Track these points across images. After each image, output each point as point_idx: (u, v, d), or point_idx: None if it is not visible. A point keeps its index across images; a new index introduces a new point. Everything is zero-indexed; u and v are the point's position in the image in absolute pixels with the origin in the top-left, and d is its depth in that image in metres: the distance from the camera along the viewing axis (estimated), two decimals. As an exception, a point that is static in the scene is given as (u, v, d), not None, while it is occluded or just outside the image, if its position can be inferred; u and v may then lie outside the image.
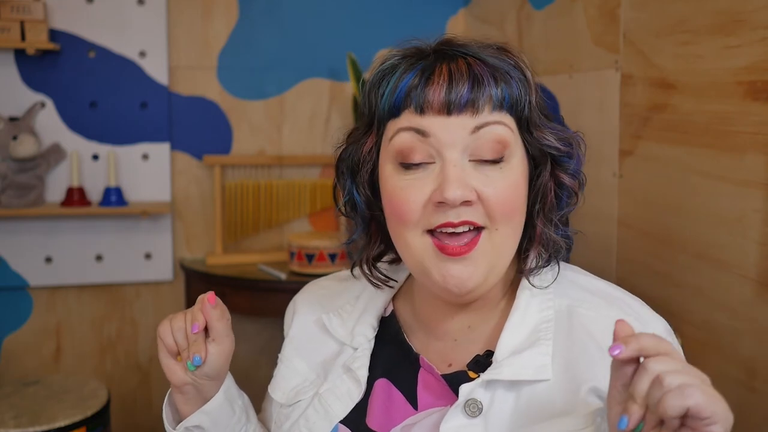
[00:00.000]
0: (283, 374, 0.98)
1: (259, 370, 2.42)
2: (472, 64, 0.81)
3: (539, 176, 0.86)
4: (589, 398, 0.79)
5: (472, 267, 0.81)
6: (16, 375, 2.39)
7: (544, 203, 0.86)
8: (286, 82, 2.55)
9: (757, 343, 1.27)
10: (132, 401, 2.53)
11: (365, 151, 0.88)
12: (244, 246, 2.55)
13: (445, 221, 0.80)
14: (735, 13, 1.30)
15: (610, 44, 1.73)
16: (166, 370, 0.91)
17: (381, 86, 0.85)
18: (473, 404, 0.81)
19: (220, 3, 2.47)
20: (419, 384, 0.88)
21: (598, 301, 0.86)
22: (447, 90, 0.80)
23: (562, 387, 0.80)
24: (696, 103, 1.42)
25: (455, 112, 0.80)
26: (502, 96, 0.81)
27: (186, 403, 0.93)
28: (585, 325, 0.83)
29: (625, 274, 1.67)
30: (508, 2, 2.29)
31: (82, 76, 2.37)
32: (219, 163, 2.44)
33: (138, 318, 2.51)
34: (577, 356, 0.81)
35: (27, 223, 2.37)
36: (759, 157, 1.25)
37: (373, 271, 0.93)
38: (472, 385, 0.81)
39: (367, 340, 0.93)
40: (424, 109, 0.81)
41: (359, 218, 0.91)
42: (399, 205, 0.82)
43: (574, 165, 0.86)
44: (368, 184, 0.89)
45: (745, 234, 1.29)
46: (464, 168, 0.80)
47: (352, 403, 0.89)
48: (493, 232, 0.81)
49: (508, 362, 0.81)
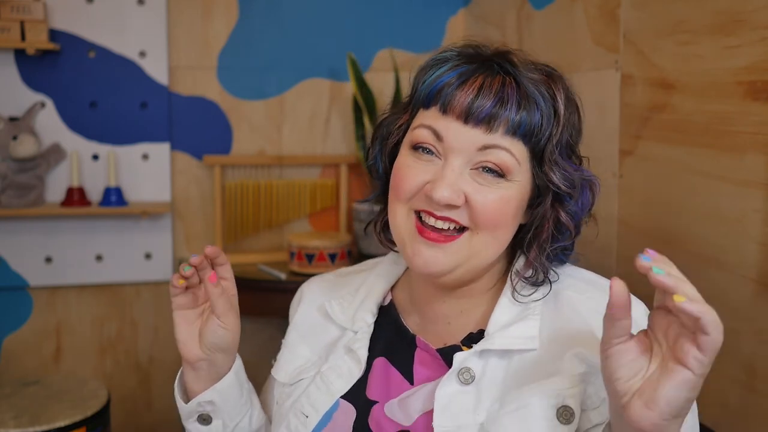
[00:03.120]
0: (286, 358, 1.04)
1: (259, 369, 2.41)
2: (506, 83, 0.86)
3: (539, 205, 0.90)
4: (575, 361, 0.84)
5: (441, 254, 0.86)
6: (16, 375, 2.39)
7: (539, 232, 0.90)
8: (286, 82, 2.55)
9: (757, 343, 1.27)
10: (132, 401, 2.53)
11: (396, 126, 0.94)
12: (244, 246, 2.55)
13: (428, 208, 0.86)
14: (735, 13, 1.30)
15: (610, 44, 1.73)
16: (181, 346, 0.95)
17: (427, 73, 0.90)
18: (466, 372, 0.87)
19: (220, 3, 2.47)
20: (415, 361, 0.94)
21: (584, 285, 0.91)
22: (473, 98, 0.84)
23: (549, 354, 0.86)
24: (696, 103, 1.42)
25: (471, 122, 0.84)
26: (519, 122, 0.85)
27: (197, 381, 0.97)
28: (572, 305, 0.89)
29: (625, 274, 1.67)
30: (508, 2, 2.29)
31: (82, 76, 2.37)
32: (219, 163, 2.44)
33: (138, 318, 2.51)
34: (563, 328, 0.87)
35: (27, 223, 2.36)
36: (759, 157, 1.25)
37: (383, 234, 1.00)
38: (466, 353, 0.87)
39: (366, 325, 0.98)
40: (447, 109, 0.86)
41: (378, 183, 0.98)
42: (399, 181, 0.89)
43: (574, 206, 0.90)
44: (389, 155, 0.95)
45: (745, 234, 1.29)
46: (462, 174, 0.85)
47: (353, 379, 0.95)
48: (475, 234, 0.86)
49: (499, 334, 0.88)
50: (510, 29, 2.28)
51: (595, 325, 0.85)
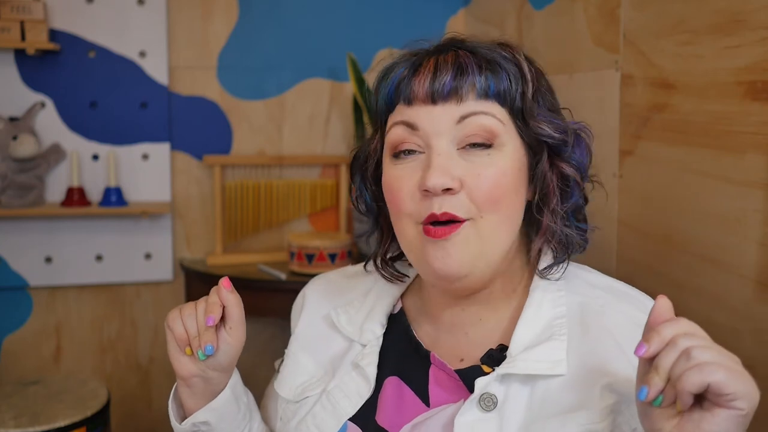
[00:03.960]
0: (290, 370, 0.97)
1: (259, 370, 2.42)
2: (461, 55, 0.83)
3: (537, 165, 0.85)
4: (605, 393, 0.79)
5: (454, 250, 0.80)
6: (16, 375, 2.39)
7: (545, 194, 0.85)
8: (286, 82, 2.55)
9: (757, 343, 1.27)
10: (132, 401, 2.53)
11: (372, 148, 0.91)
12: (244, 246, 2.55)
13: (429, 213, 0.81)
14: (735, 13, 1.30)
15: (610, 44, 1.73)
16: (174, 362, 0.89)
17: (380, 85, 0.88)
18: (488, 398, 0.81)
19: (220, 3, 2.47)
20: (431, 380, 0.87)
21: (612, 297, 0.86)
22: (431, 79, 0.81)
23: (577, 382, 0.80)
24: (696, 103, 1.42)
25: (440, 100, 0.81)
26: (487, 85, 0.82)
27: (192, 397, 0.92)
28: (601, 321, 0.83)
29: (625, 274, 1.67)
30: (508, 2, 2.29)
31: (82, 76, 2.37)
32: (219, 163, 2.44)
33: (138, 318, 2.51)
34: (593, 351, 0.81)
35: (27, 223, 2.36)
36: (759, 157, 1.25)
37: (386, 267, 0.94)
38: (488, 378, 0.81)
39: (375, 337, 0.92)
40: (411, 99, 0.83)
41: (370, 214, 0.93)
42: (394, 195, 0.84)
43: (574, 154, 0.86)
44: (373, 178, 0.91)
45: (745, 234, 1.29)
46: (451, 156, 0.81)
47: (361, 400, 0.88)
48: (479, 220, 0.81)
49: (523, 357, 0.81)
50: (510, 29, 2.28)
51: (626, 345, 0.80)
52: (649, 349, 0.63)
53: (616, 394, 0.79)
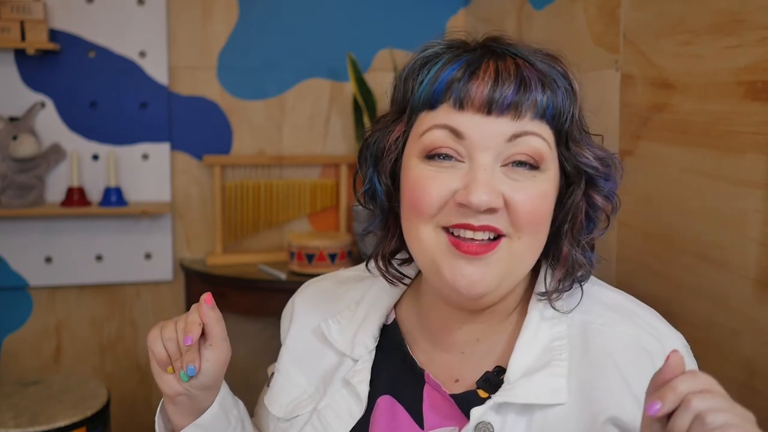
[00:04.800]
0: (280, 386, 0.93)
1: (258, 370, 2.41)
2: (520, 65, 0.77)
3: (571, 195, 0.81)
4: (607, 427, 0.75)
5: (486, 269, 0.76)
6: (16, 375, 2.39)
7: (574, 223, 0.81)
8: (286, 82, 2.55)
9: (757, 343, 1.27)
10: (132, 401, 2.53)
11: (392, 140, 0.83)
12: (244, 246, 2.55)
13: (465, 222, 0.75)
14: (735, 13, 1.30)
15: (610, 44, 1.73)
16: (158, 381, 0.87)
17: (420, 74, 0.80)
18: (484, 428, 0.77)
19: (220, 3, 2.47)
20: (425, 402, 0.84)
21: (613, 315, 0.82)
22: (492, 87, 0.74)
23: (578, 412, 0.77)
24: (696, 103, 1.42)
25: (496, 112, 0.75)
26: (547, 104, 0.76)
27: (179, 415, 0.89)
28: (602, 344, 0.79)
29: (625, 274, 1.67)
30: (508, 2, 2.29)
31: (82, 76, 2.37)
32: (219, 163, 2.44)
33: (138, 318, 2.51)
34: (595, 379, 0.78)
35: (27, 223, 2.36)
36: (759, 157, 1.25)
37: (389, 267, 0.88)
38: (484, 408, 0.78)
39: (367, 351, 0.88)
40: (464, 104, 0.75)
41: (378, 209, 0.86)
42: (419, 196, 0.77)
43: (609, 187, 0.82)
44: (390, 173, 0.84)
45: (745, 234, 1.29)
46: (494, 172, 0.76)
47: (353, 420, 0.85)
48: (515, 240, 0.77)
49: (521, 384, 0.77)
50: (510, 29, 2.28)
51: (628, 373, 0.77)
52: (662, 408, 0.60)
53: (620, 428, 0.76)
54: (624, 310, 0.83)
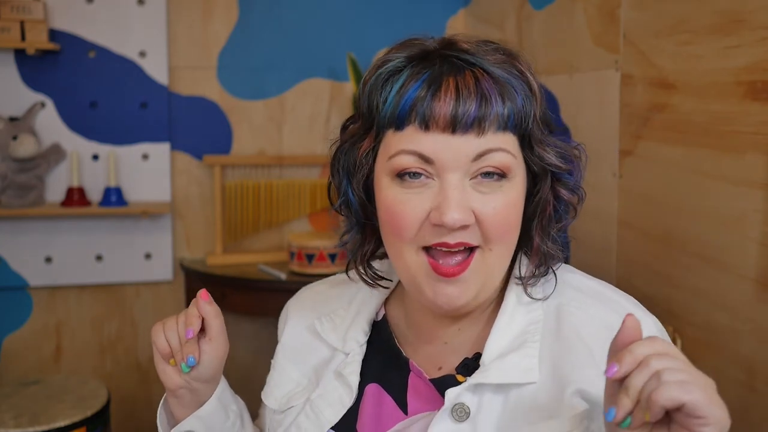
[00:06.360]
0: (276, 381, 0.97)
1: (258, 370, 2.41)
2: (479, 78, 0.78)
3: (538, 192, 0.84)
4: (575, 400, 0.78)
5: (464, 286, 0.80)
6: (16, 375, 2.39)
7: (543, 217, 0.84)
8: (286, 82, 2.55)
9: (757, 343, 1.27)
10: (132, 401, 2.53)
11: (361, 154, 0.85)
12: (244, 246, 2.55)
13: (442, 242, 0.78)
14: (735, 13, 1.30)
15: (610, 44, 1.73)
16: (160, 374, 0.91)
17: (384, 89, 0.82)
18: (460, 408, 0.80)
19: (220, 3, 2.47)
20: (409, 389, 0.88)
21: (588, 300, 0.85)
22: (454, 106, 0.76)
23: (549, 389, 0.79)
24: (696, 103, 1.42)
25: (460, 130, 0.77)
26: (508, 115, 0.78)
27: (181, 407, 0.93)
28: (574, 326, 0.82)
29: (625, 274, 1.67)
30: (508, 2, 2.29)
31: (82, 76, 2.37)
32: (219, 163, 2.44)
33: (138, 318, 2.51)
34: (565, 357, 0.80)
35: (27, 223, 2.37)
36: (759, 157, 1.25)
37: (368, 271, 0.91)
38: (459, 389, 0.81)
39: (358, 345, 0.92)
40: (429, 125, 0.78)
41: (354, 219, 0.89)
42: (396, 221, 0.80)
43: (573, 180, 0.85)
44: (363, 187, 0.86)
45: (745, 234, 1.29)
46: (464, 189, 0.78)
47: (344, 409, 0.88)
48: (487, 252, 0.80)
49: (495, 365, 0.81)
50: (510, 29, 2.28)
51: (596, 350, 0.79)
52: (620, 369, 0.61)
53: (588, 401, 0.78)
54: (600, 295, 0.86)
